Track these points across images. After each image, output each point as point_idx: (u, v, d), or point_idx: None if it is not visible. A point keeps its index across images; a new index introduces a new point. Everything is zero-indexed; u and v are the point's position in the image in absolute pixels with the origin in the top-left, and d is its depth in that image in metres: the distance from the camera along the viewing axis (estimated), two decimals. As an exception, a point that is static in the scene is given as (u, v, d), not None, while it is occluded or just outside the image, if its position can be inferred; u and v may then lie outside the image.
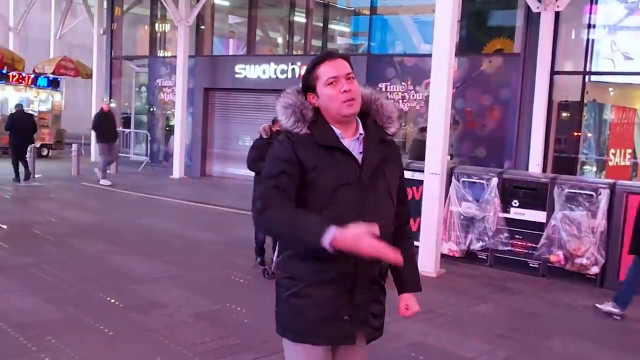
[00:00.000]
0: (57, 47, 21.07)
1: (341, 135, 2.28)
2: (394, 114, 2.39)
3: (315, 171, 2.21)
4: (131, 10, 20.10)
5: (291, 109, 2.26)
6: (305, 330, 2.28)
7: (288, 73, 14.71)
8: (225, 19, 19.23)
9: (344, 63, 2.28)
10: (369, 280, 2.31)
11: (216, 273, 6.76)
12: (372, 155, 2.29)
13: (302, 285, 2.27)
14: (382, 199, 2.31)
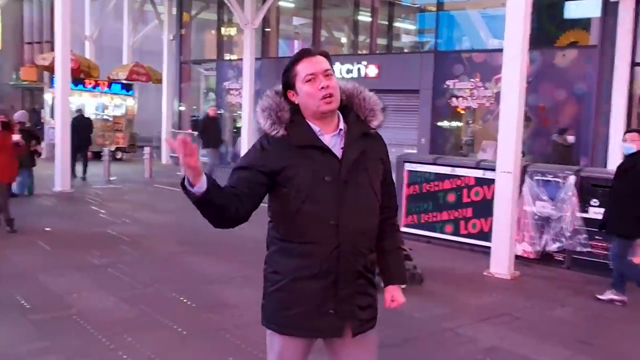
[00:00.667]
0: (129, 54, 21.83)
1: (320, 132, 2.30)
2: (377, 106, 2.39)
3: (292, 169, 2.24)
4: (199, 16, 20.59)
5: (267, 112, 2.30)
6: (290, 324, 2.32)
7: (354, 72, 14.64)
8: (289, 21, 19.38)
9: (322, 60, 2.30)
10: (353, 274, 2.31)
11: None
12: (351, 150, 2.30)
13: (287, 279, 2.30)
14: (363, 194, 2.32)
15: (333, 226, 2.24)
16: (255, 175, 2.26)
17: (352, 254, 2.29)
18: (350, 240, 2.27)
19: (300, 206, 2.24)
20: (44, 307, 5.32)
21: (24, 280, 6.11)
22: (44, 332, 4.77)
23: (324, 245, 2.25)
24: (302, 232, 2.27)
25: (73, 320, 5.03)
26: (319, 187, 2.24)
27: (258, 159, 2.29)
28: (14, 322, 4.93)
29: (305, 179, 2.23)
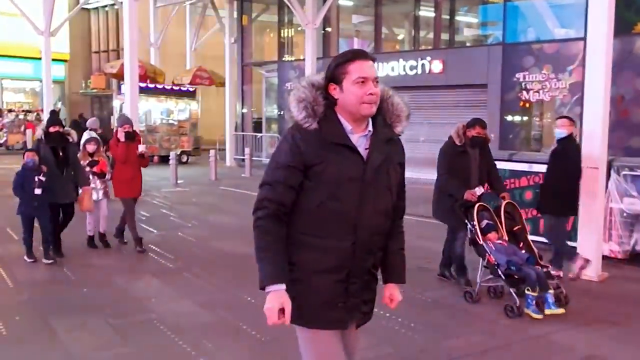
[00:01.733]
0: (192, 58, 22.21)
1: (351, 131, 2.35)
2: (403, 113, 2.45)
3: (321, 165, 2.29)
4: (259, 18, 20.71)
5: (304, 104, 2.32)
6: (303, 315, 2.38)
7: (418, 69, 14.35)
8: (349, 19, 19.23)
9: (374, 65, 2.35)
10: (363, 270, 2.42)
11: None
12: (376, 154, 2.36)
13: (301, 272, 2.36)
14: (382, 194, 2.39)
15: (352, 224, 2.33)
16: (296, 176, 2.32)
17: (365, 252, 2.39)
18: (365, 239, 2.36)
19: (324, 201, 2.30)
20: (124, 311, 5.35)
21: (103, 284, 6.19)
22: (126, 337, 4.79)
23: (342, 242, 2.33)
24: (321, 227, 2.33)
25: (153, 325, 5.03)
26: (343, 185, 2.30)
27: (295, 155, 2.31)
28: (96, 327, 4.97)
29: (332, 176, 2.29)
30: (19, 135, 26.30)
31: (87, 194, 7.25)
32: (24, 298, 5.69)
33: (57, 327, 4.92)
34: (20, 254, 7.45)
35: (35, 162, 6.70)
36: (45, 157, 6.85)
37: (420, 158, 15.00)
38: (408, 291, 6.03)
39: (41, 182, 6.64)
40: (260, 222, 2.35)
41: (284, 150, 2.35)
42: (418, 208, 11.23)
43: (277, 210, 2.34)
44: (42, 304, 5.52)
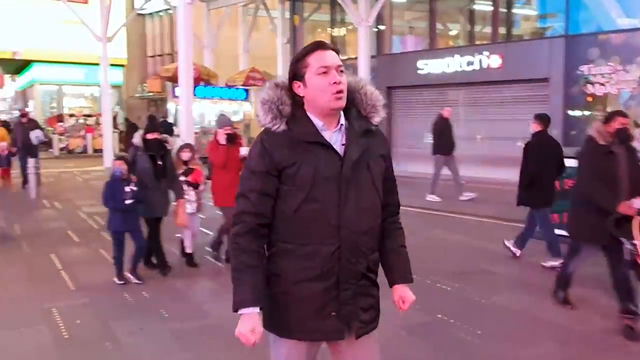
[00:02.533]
0: (244, 60, 22.34)
1: (322, 128, 2.21)
2: (378, 102, 2.31)
3: (293, 167, 2.16)
4: (310, 17, 20.63)
5: (268, 105, 2.21)
6: (291, 327, 2.26)
7: (475, 64, 13.92)
8: (402, 16, 18.92)
9: (335, 55, 2.22)
10: (354, 275, 2.24)
11: (421, 280, 6.39)
12: (353, 148, 2.21)
13: (287, 282, 2.24)
14: (365, 192, 2.23)
15: (334, 226, 2.17)
16: (270, 182, 2.20)
17: (353, 255, 2.22)
18: (351, 240, 2.20)
19: (300, 205, 2.17)
20: (183, 316, 5.29)
21: (161, 287, 6.17)
22: (185, 342, 4.72)
23: (325, 246, 2.18)
24: (301, 233, 2.20)
25: (212, 330, 4.95)
26: (320, 185, 2.16)
27: (266, 160, 2.20)
28: (155, 332, 4.93)
29: (306, 177, 2.16)
30: (79, 140, 27.11)
31: (181, 207, 6.56)
32: (85, 301, 5.71)
33: (117, 331, 4.90)
34: (81, 256, 7.56)
35: (123, 171, 6.05)
36: (143, 166, 6.27)
37: (478, 156, 14.60)
38: (473, 296, 5.79)
39: (133, 192, 6.03)
40: (238, 240, 2.23)
41: (254, 156, 2.25)
42: (477, 207, 10.91)
43: (255, 224, 2.22)
44: (102, 308, 5.53)
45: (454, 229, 9.22)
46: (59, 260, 7.32)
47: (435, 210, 10.84)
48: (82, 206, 11.60)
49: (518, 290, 6.03)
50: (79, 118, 28.92)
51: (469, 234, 8.84)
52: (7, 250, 7.90)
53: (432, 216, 10.41)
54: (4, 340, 4.72)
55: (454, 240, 8.47)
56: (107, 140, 20.20)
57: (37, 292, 6.01)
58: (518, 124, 12.58)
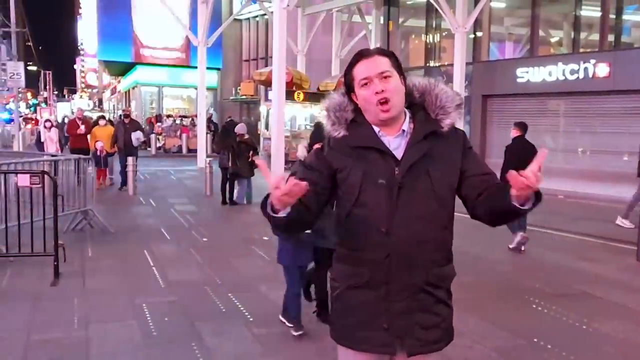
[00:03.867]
0: (337, 65, 22.38)
1: (380, 133, 2.15)
2: (449, 103, 2.16)
3: (345, 171, 2.14)
4: (405, 23, 20.38)
5: (326, 113, 2.21)
6: (346, 335, 2.21)
7: (579, 73, 13.18)
8: (501, 22, 18.28)
9: (380, 60, 2.11)
10: (408, 287, 2.11)
11: (511, 299, 6.03)
12: (411, 153, 2.11)
13: (342, 287, 2.21)
14: (421, 199, 2.10)
15: (382, 233, 2.09)
16: (317, 176, 2.16)
17: (406, 265, 2.09)
18: (403, 250, 2.09)
19: (351, 209, 2.14)
20: (266, 320, 5.25)
21: (246, 290, 6.17)
22: (268, 347, 4.67)
23: (373, 253, 2.11)
24: (352, 238, 2.17)
25: (295, 337, 4.87)
26: (370, 190, 2.10)
27: (320, 159, 2.20)
28: (239, 334, 4.91)
29: (355, 181, 2.12)
30: (176, 139, 28.20)
31: None
32: (174, 299, 5.80)
33: (202, 331, 4.93)
34: (172, 254, 7.74)
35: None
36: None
37: (578, 170, 13.83)
38: (572, 320, 5.38)
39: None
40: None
41: (311, 154, 2.28)
42: (578, 225, 10.27)
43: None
44: (189, 307, 5.59)
45: (552, 247, 8.71)
46: (151, 256, 7.53)
47: (530, 225, 10.29)
48: (174, 204, 11.97)
49: (621, 317, 5.55)
50: (175, 119, 30.11)
51: (569, 253, 8.31)
52: (104, 244, 8.23)
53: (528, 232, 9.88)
54: (96, 333, 4.85)
55: (553, 258, 7.98)
56: (201, 140, 20.84)
57: (129, 286, 6.18)
58: (625, 137, 11.80)
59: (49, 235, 6.56)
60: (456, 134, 2.20)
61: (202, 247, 8.18)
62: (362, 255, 2.14)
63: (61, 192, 7.89)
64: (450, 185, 2.16)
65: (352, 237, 2.17)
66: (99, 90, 66.25)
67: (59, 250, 6.48)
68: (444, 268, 2.19)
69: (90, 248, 7.89)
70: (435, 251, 2.15)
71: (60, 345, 4.58)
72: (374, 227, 2.10)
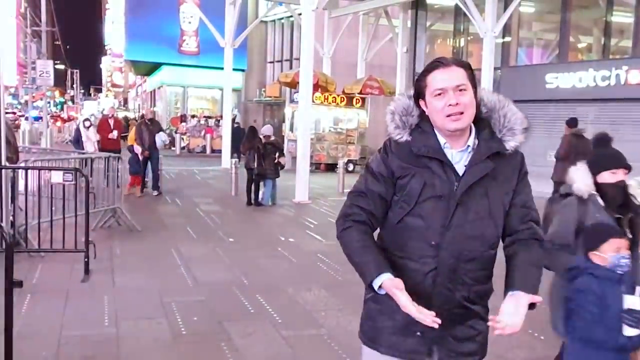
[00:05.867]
0: (362, 68, 22.35)
1: (445, 145, 2.11)
2: (517, 125, 2.11)
3: (406, 178, 2.11)
4: (432, 27, 20.28)
5: (392, 115, 2.17)
6: (375, 336, 2.21)
7: (611, 80, 12.98)
8: (530, 27, 18.10)
9: (457, 72, 2.06)
10: (449, 301, 2.11)
11: (542, 306, 5.91)
12: (473, 171, 2.07)
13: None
14: (477, 219, 2.08)
15: (434, 246, 2.08)
16: (383, 185, 2.15)
17: (450, 280, 2.10)
18: (450, 265, 2.08)
19: (404, 217, 2.11)
20: (294, 323, 5.24)
21: (274, 291, 6.16)
22: (297, 350, 4.65)
23: (421, 265, 2.10)
24: (401, 245, 2.13)
25: (323, 341, 4.85)
26: (428, 202, 2.08)
27: (384, 164, 2.17)
28: (267, 336, 4.90)
29: (415, 190, 2.09)
30: (200, 139, 28.40)
31: None
32: (202, 299, 5.82)
33: (230, 331, 4.93)
34: (199, 253, 7.77)
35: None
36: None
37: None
38: None
39: None
40: (345, 233, 2.18)
41: (376, 160, 2.23)
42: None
43: (363, 218, 2.17)
44: (217, 307, 5.60)
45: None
46: (178, 255, 7.57)
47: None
48: (200, 204, 12.03)
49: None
50: (200, 119, 30.32)
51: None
52: (132, 242, 8.30)
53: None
54: (127, 331, 4.88)
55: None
56: (225, 141, 20.94)
57: (158, 284, 6.22)
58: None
59: (79, 232, 6.63)
60: (516, 156, 2.18)
61: (229, 247, 8.20)
62: (409, 264, 2.12)
63: (92, 190, 7.97)
64: (505, 206, 2.16)
65: (401, 244, 2.14)
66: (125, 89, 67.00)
67: (90, 247, 6.55)
68: (485, 285, 2.19)
69: (118, 245, 7.96)
70: (480, 269, 2.15)
71: (92, 341, 4.62)
72: (425, 239, 2.09)
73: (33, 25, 44.23)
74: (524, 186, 2.19)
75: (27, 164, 7.99)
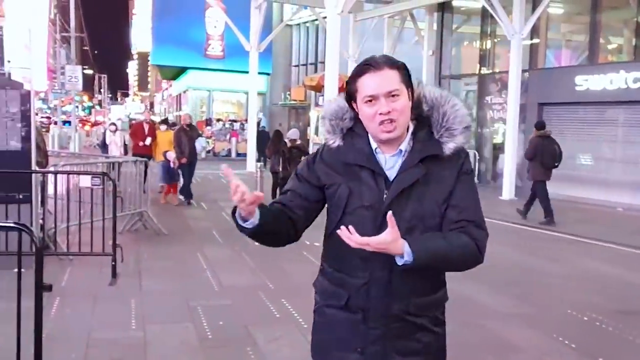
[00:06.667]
0: (387, 71, 22.26)
1: (377, 150, 1.98)
2: (456, 125, 1.96)
3: (332, 187, 2.01)
4: (458, 30, 20.12)
5: (322, 120, 2.09)
6: (318, 349, 2.14)
7: (642, 81, 12.71)
8: (558, 28, 17.83)
9: (389, 76, 1.90)
10: (387, 316, 1.98)
11: (572, 313, 5.80)
12: (402, 177, 1.94)
13: (321, 303, 2.12)
14: (409, 228, 1.91)
15: (363, 259, 1.94)
16: (308, 190, 2.07)
17: (385, 294, 1.97)
18: (381, 278, 1.96)
19: (334, 229, 1.95)
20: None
21: (299, 295, 6.12)
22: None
23: (353, 278, 2.00)
24: (334, 258, 2.06)
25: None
26: (355, 212, 1.97)
27: (310, 170, 2.08)
28: (294, 341, 4.86)
29: (341, 200, 1.99)
30: (225, 143, 28.59)
31: None
32: (228, 303, 5.82)
33: (256, 336, 4.91)
34: (224, 257, 7.78)
35: None
36: None
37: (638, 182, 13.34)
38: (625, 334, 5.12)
39: None
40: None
41: (304, 162, 2.16)
42: (636, 239, 9.86)
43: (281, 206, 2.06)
44: (243, 311, 5.59)
45: (612, 261, 8.38)
46: (204, 259, 7.59)
47: (588, 238, 9.96)
48: (225, 207, 12.06)
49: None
50: (225, 123, 30.51)
51: (631, 268, 7.98)
52: (158, 245, 8.35)
53: (584, 245, 9.57)
54: (153, 334, 4.89)
55: (613, 274, 7.67)
56: (251, 144, 21.02)
57: (184, 288, 6.23)
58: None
59: (107, 235, 6.69)
60: (457, 157, 2.00)
61: (254, 251, 8.19)
62: (342, 277, 2.03)
63: (119, 194, 8.04)
64: (441, 211, 1.98)
65: (334, 257, 2.06)
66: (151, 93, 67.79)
67: (117, 251, 6.59)
68: (428, 297, 2.04)
69: (145, 249, 8.01)
70: (417, 281, 1.98)
71: (120, 345, 4.64)
72: (354, 251, 1.87)
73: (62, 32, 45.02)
74: (463, 186, 1.99)
75: (56, 168, 8.10)
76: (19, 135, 6.79)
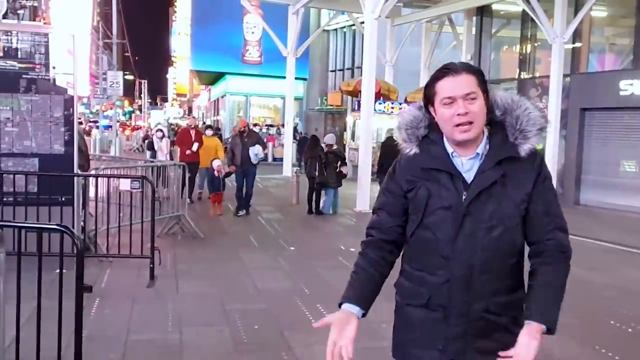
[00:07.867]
0: (425, 76, 22.09)
1: (453, 154, 2.05)
2: (530, 127, 2.02)
3: (413, 191, 2.09)
4: (497, 33, 19.83)
5: (398, 130, 2.14)
6: (397, 347, 2.21)
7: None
8: (602, 32, 17.40)
9: (467, 80, 1.98)
10: (466, 314, 2.03)
11: (619, 327, 5.62)
12: (480, 179, 2.00)
13: (401, 302, 2.19)
14: (487, 228, 1.99)
15: (444, 258, 2.03)
16: (395, 201, 2.15)
17: (465, 292, 2.02)
18: (462, 277, 2.01)
19: (415, 231, 2.10)
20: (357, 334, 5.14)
21: (334, 301, 6.02)
22: (359, 363, 4.56)
23: (434, 277, 2.06)
24: (415, 258, 2.14)
25: (385, 353, 4.70)
26: (435, 213, 2.04)
27: (393, 180, 2.17)
28: (329, 347, 4.84)
29: (421, 202, 2.06)
30: (262, 148, 28.74)
31: None
32: (263, 307, 5.83)
33: (291, 341, 4.90)
34: (260, 261, 7.81)
35: None
36: None
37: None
38: None
39: None
40: (362, 247, 2.22)
41: (387, 175, 2.23)
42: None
43: (379, 239, 2.18)
44: (278, 316, 5.59)
45: (658, 272, 8.11)
46: (240, 263, 7.63)
47: (632, 247, 9.67)
48: (261, 212, 12.14)
49: None
50: (262, 127, 30.72)
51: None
52: (195, 249, 8.44)
53: (627, 254, 9.30)
54: (189, 337, 4.92)
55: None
56: (287, 149, 21.11)
57: (220, 292, 6.27)
58: None
59: (145, 238, 6.78)
60: (533, 159, 2.06)
61: (290, 256, 8.21)
62: (423, 277, 2.10)
63: (157, 197, 8.15)
64: (521, 213, 2.05)
65: (416, 257, 2.14)
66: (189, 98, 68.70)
67: (155, 253, 6.68)
68: (508, 296, 2.08)
69: (182, 252, 8.10)
70: (498, 280, 2.05)
71: (157, 346, 4.69)
72: (435, 250, 2.06)
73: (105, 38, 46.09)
74: (545, 192, 2.07)
75: (97, 171, 8.27)
76: (62, 139, 6.96)
